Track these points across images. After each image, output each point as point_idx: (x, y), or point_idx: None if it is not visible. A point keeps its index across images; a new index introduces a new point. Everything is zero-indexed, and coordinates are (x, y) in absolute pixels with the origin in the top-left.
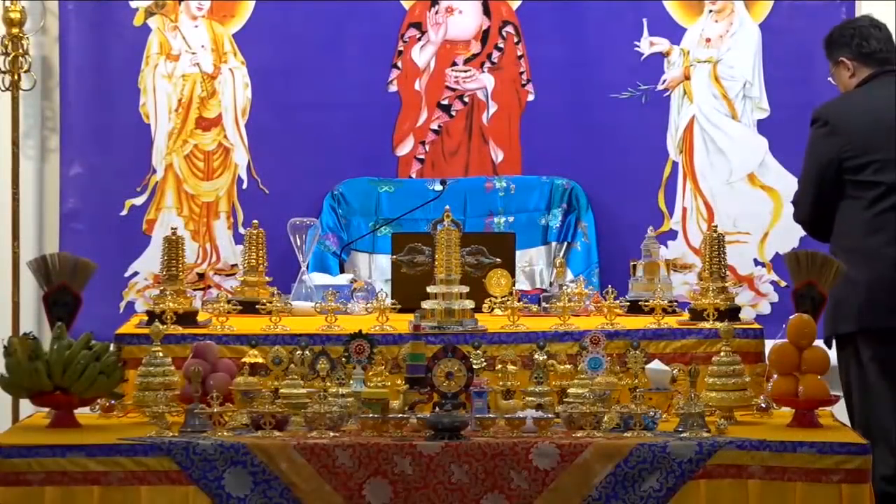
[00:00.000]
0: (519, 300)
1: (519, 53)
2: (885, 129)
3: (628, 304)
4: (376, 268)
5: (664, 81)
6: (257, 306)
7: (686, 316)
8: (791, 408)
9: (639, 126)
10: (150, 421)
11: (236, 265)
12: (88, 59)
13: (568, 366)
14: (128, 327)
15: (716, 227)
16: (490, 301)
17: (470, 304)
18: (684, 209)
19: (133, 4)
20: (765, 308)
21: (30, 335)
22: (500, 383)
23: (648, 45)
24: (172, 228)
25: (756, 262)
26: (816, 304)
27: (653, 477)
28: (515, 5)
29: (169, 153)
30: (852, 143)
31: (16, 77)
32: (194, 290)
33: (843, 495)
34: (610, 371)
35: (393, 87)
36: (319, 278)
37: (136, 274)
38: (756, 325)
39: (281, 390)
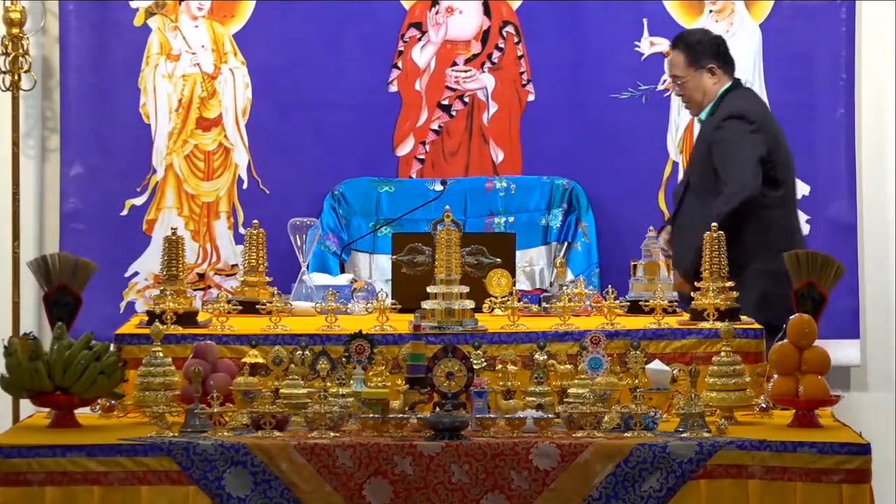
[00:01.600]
0: (519, 300)
1: (519, 53)
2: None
3: (628, 304)
4: (376, 268)
5: (664, 81)
6: (257, 306)
7: (686, 316)
8: (791, 408)
9: (639, 126)
10: (151, 421)
11: (236, 265)
12: (89, 59)
13: (568, 366)
14: (128, 327)
15: (716, 227)
16: (490, 301)
17: (470, 304)
18: None
19: (133, 4)
20: None
21: (30, 335)
22: (501, 383)
23: (648, 45)
24: (173, 228)
25: None
26: (817, 304)
27: (653, 477)
28: (516, 5)
29: (169, 153)
30: (770, 141)
31: (16, 77)
32: (194, 290)
33: (843, 495)
34: (610, 371)
35: (393, 88)
36: (320, 278)
37: (136, 274)
38: (756, 325)
39: (281, 390)
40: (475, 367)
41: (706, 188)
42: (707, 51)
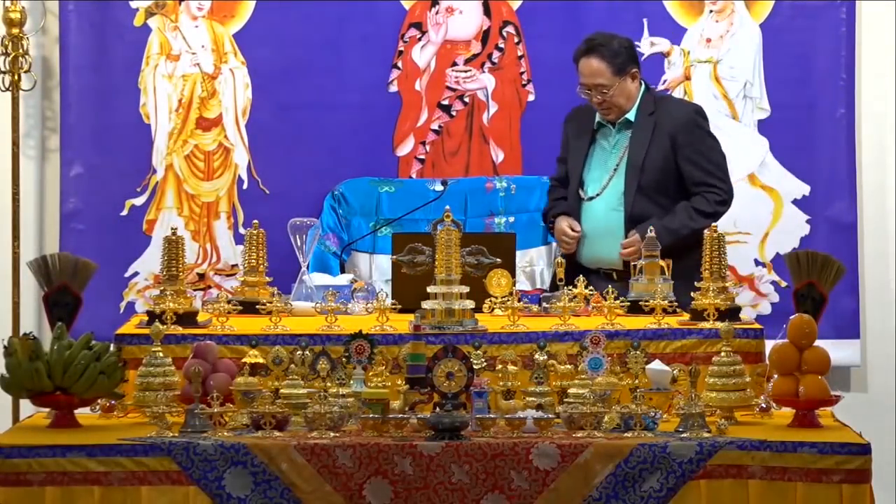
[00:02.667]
0: (519, 300)
1: (519, 53)
2: None
3: (629, 304)
4: (377, 268)
5: (665, 81)
6: (257, 306)
7: (686, 316)
8: (791, 408)
9: None
10: (151, 421)
11: (237, 265)
12: (89, 59)
13: (568, 366)
14: (128, 327)
15: (716, 227)
16: (490, 301)
17: (470, 304)
18: None
19: (133, 4)
20: (765, 308)
21: (30, 335)
22: (501, 383)
23: (649, 45)
24: (173, 228)
25: (756, 263)
26: (817, 304)
27: (653, 477)
28: (516, 5)
29: (169, 153)
30: None
31: (16, 77)
32: (194, 290)
33: (843, 495)
34: (610, 371)
35: (393, 88)
36: (320, 278)
37: (136, 274)
38: (756, 326)
39: (281, 390)
40: (475, 367)
41: (666, 184)
42: (628, 55)
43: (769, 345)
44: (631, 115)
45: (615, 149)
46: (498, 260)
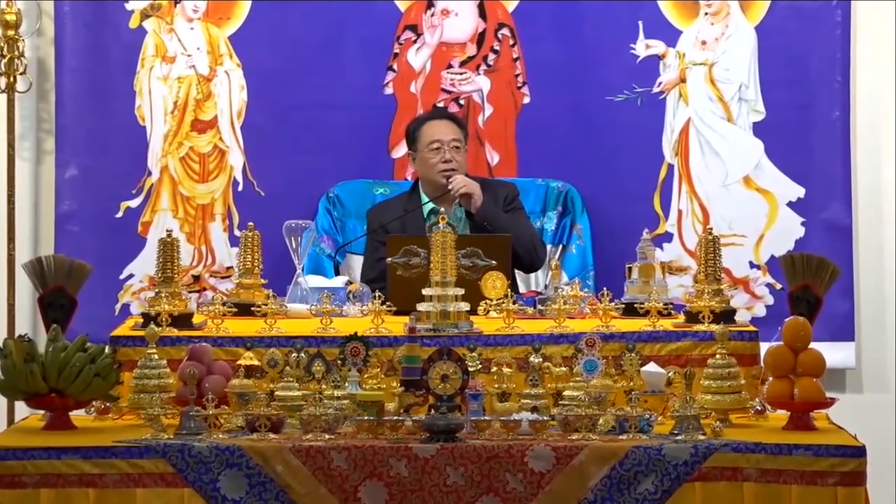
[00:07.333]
0: (514, 302)
1: (515, 56)
2: None
3: (623, 306)
4: None
5: (660, 84)
6: (252, 308)
7: (681, 318)
8: (786, 410)
9: (634, 128)
10: (146, 423)
11: (232, 267)
12: (84, 61)
13: (563, 368)
14: (123, 329)
15: (711, 229)
16: (485, 303)
17: (465, 306)
18: (680, 211)
19: (129, 6)
20: (760, 310)
21: (25, 337)
22: (496, 385)
23: (644, 47)
24: (168, 230)
25: (751, 265)
26: (812, 306)
27: (648, 479)
28: (511, 7)
29: (164, 155)
30: None
31: (11, 79)
32: (189, 292)
33: (838, 498)
34: (605, 373)
35: (389, 90)
36: (314, 280)
37: (131, 276)
38: (751, 328)
39: (276, 392)
40: (470, 369)
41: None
42: (466, 133)
43: (764, 347)
44: None
45: (459, 224)
46: (493, 262)
